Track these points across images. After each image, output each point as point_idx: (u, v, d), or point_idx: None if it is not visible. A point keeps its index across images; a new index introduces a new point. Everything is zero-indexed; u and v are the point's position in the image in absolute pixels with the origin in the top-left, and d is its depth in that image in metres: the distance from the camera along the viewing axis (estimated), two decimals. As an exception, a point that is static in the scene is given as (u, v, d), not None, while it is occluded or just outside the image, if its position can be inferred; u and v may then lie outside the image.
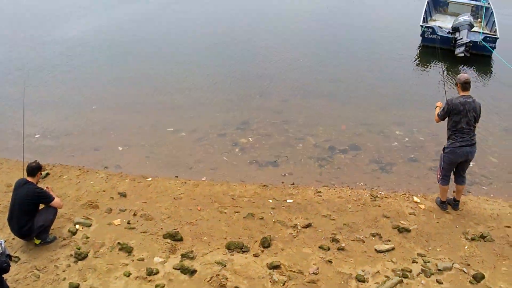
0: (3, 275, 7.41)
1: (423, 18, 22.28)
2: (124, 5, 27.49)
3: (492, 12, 23.42)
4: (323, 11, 26.75)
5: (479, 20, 24.24)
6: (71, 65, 18.90)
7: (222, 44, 21.63)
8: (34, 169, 8.93)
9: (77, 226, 9.69)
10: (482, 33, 21.13)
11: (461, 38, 20.03)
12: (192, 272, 8.57)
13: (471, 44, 19.78)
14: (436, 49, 20.00)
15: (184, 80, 17.67)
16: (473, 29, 21.11)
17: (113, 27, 23.56)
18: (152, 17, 25.22)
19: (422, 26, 21.42)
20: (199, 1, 28.06)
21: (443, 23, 23.44)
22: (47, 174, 11.60)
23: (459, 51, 19.82)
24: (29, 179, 8.85)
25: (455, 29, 20.64)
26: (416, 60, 21.08)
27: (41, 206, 9.01)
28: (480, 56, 20.77)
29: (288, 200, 10.93)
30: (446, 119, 10.05)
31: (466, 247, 9.63)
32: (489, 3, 24.55)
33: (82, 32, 22.64)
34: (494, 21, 22.32)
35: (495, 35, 20.84)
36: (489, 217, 10.72)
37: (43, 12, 26.46)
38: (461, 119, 9.66)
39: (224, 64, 19.31)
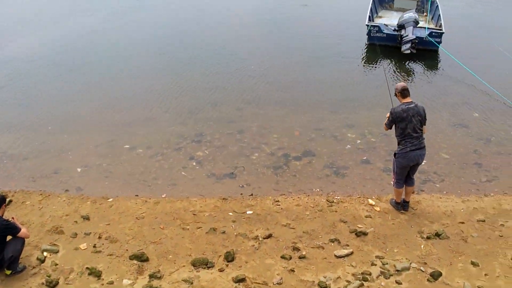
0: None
1: (369, 16, 22.80)
2: (68, 19, 27.17)
3: (437, 6, 24.16)
4: (270, 16, 26.92)
5: (424, 14, 25.00)
6: (21, 85, 18.74)
7: (170, 54, 21.81)
8: None
9: (45, 253, 9.82)
10: (428, 28, 21.87)
11: (406, 35, 20.65)
12: (161, 292, 8.83)
13: (417, 41, 20.46)
14: (381, 47, 20.79)
15: (135, 95, 17.70)
16: (419, 25, 21.71)
17: (60, 43, 23.24)
18: (99, 30, 25.07)
19: (368, 25, 21.95)
20: (143, 12, 28.02)
21: (389, 19, 24.06)
22: (10, 201, 11.68)
23: (405, 48, 20.49)
24: (-5, 212, 8.95)
25: (401, 27, 21.24)
26: (363, 60, 21.63)
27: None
28: (427, 51, 21.50)
29: (248, 212, 11.29)
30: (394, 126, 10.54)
31: (422, 246, 10.16)
32: None
33: (30, 49, 22.38)
34: (439, 15, 23.02)
35: (440, 29, 21.59)
36: (443, 215, 11.31)
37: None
38: (406, 125, 10.17)
39: (174, 75, 19.40)
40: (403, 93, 10.44)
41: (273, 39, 23.54)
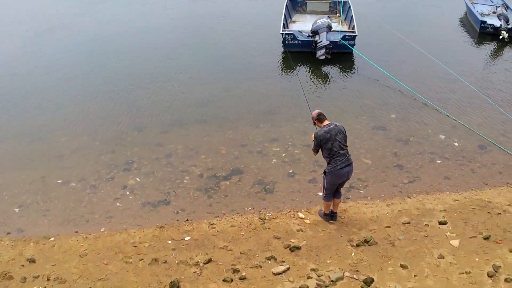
0: None
1: (283, 24, 23.45)
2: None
3: (349, 7, 25.27)
4: (185, 31, 26.92)
5: (337, 15, 26.11)
6: None
7: (83, 77, 21.38)
8: None
9: (1, 302, 10.00)
10: (341, 31, 22.89)
11: (320, 41, 21.49)
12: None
13: (331, 46, 21.39)
14: (297, 53, 21.62)
15: (58, 124, 17.48)
16: (333, 29, 22.62)
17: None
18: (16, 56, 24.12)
19: (282, 33, 22.64)
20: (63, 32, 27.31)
21: (304, 23, 24.93)
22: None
23: (320, 54, 21.37)
24: None
25: (315, 32, 22.09)
26: (281, 69, 22.18)
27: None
28: (341, 54, 22.41)
29: (185, 238, 11.71)
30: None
31: (353, 254, 10.90)
32: None
33: None
34: (352, 16, 24.10)
35: (353, 32, 22.68)
36: (369, 221, 12.14)
37: None
38: (332, 144, 10.92)
39: (94, 100, 19.10)
40: (320, 118, 11.21)
41: (189, 54, 23.59)
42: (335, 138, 10.92)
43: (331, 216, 12.09)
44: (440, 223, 12.08)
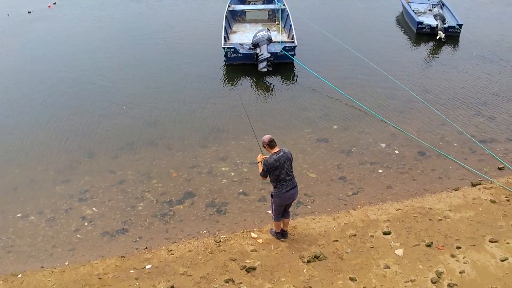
0: None
1: (224, 37, 24.38)
2: None
3: (288, 15, 26.41)
4: (123, 47, 27.26)
5: (277, 23, 27.32)
6: None
7: (27, 100, 21.53)
8: None
9: None
10: (282, 42, 23.92)
11: (262, 54, 22.49)
12: None
13: (272, 58, 22.41)
14: (240, 65, 22.88)
15: (8, 156, 17.65)
16: (274, 40, 23.72)
17: None
18: None
19: (224, 48, 23.53)
20: None
21: (244, 33, 26.15)
22: None
23: (262, 67, 22.37)
24: None
25: (255, 45, 23.09)
26: (224, 84, 22.94)
27: None
28: (283, 65, 23.45)
29: (147, 266, 12.25)
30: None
31: (305, 271, 11.73)
32: (284, 5, 27.60)
33: None
34: (291, 24, 25.23)
35: (293, 42, 23.75)
36: (318, 236, 13.00)
37: None
38: (280, 172, 11.80)
39: (41, 126, 19.42)
40: (271, 144, 11.95)
41: (131, 74, 23.88)
42: (283, 165, 11.68)
43: (282, 234, 12.96)
44: (385, 233, 13.14)
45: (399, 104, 20.48)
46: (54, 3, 34.13)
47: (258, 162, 12.16)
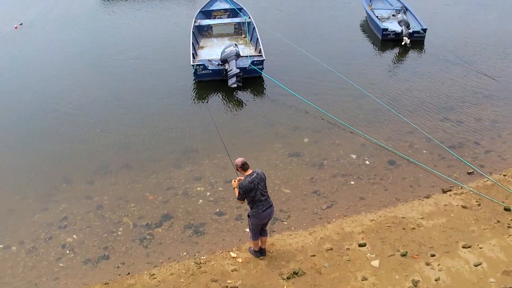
0: None
1: (192, 54, 24.77)
2: None
3: (254, 27, 26.98)
4: (90, 68, 27.05)
5: (243, 36, 27.79)
6: None
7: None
8: None
9: None
10: (250, 56, 24.41)
11: (231, 70, 22.91)
12: None
13: (241, 74, 22.86)
14: (209, 82, 23.29)
15: None
16: (241, 53, 24.10)
17: None
18: None
19: (193, 65, 23.86)
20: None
21: (211, 48, 26.61)
22: None
23: (232, 83, 22.79)
24: None
25: (224, 61, 23.51)
26: (193, 102, 23.14)
27: None
28: (252, 79, 23.89)
29: None
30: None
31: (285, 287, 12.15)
32: (250, 18, 28.10)
33: None
34: (257, 38, 25.76)
35: (261, 55, 24.30)
36: (296, 252, 13.38)
37: None
38: (255, 193, 12.24)
39: (13, 154, 19.43)
40: (244, 167, 12.38)
41: (101, 95, 23.82)
42: (257, 186, 12.07)
43: (260, 252, 13.45)
44: (360, 245, 13.66)
45: (367, 114, 21.03)
46: (21, 24, 34.01)
47: (234, 188, 12.52)
